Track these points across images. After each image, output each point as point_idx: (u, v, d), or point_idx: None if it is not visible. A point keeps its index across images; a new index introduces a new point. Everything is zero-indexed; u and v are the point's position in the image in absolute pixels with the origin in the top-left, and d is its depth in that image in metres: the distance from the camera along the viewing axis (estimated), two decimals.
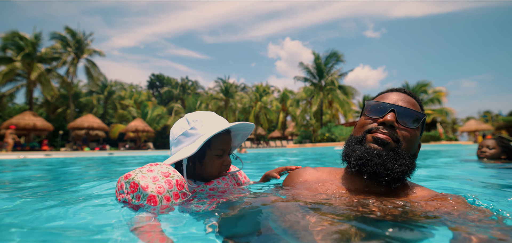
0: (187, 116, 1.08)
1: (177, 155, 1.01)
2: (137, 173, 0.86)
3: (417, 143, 0.93)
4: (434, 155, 6.23)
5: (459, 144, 17.14)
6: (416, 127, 0.90)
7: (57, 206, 1.14)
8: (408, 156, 0.87)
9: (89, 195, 1.40)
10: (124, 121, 29.24)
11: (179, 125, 1.08)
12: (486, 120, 34.84)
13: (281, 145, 28.56)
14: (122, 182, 0.87)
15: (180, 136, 1.04)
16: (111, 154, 12.83)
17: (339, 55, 27.13)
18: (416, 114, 0.90)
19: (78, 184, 2.09)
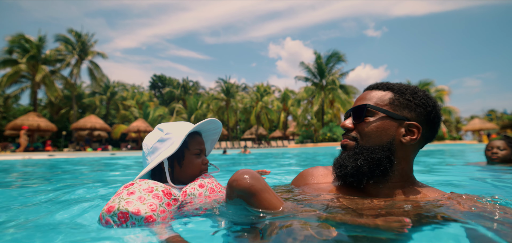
0: (159, 126, 1.09)
1: (157, 159, 1.00)
2: (119, 202, 0.78)
3: (386, 130, 0.88)
4: (438, 155, 6.12)
5: (464, 144, 16.92)
6: (364, 119, 0.91)
7: (61, 207, 1.16)
8: (368, 150, 0.87)
9: (93, 197, 1.42)
10: (126, 121, 29.45)
11: (151, 136, 1.07)
12: (491, 119, 34.40)
13: (282, 145, 28.57)
14: (107, 218, 0.77)
15: (156, 144, 1.04)
16: (114, 154, 12.93)
17: (340, 54, 26.96)
18: (359, 108, 0.92)
19: (84, 185, 2.13)
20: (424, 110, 0.89)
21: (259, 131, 32.65)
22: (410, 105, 0.89)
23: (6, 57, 20.60)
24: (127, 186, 0.87)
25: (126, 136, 27.87)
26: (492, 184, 1.70)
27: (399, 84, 0.94)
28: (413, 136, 0.88)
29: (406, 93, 0.91)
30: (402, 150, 0.89)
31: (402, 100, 0.90)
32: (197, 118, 29.94)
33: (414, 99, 0.90)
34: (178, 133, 1.05)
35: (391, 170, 0.88)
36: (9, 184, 2.57)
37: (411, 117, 0.89)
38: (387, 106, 0.90)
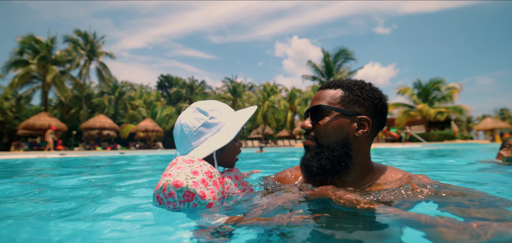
0: (198, 106, 1.04)
1: (210, 146, 0.96)
2: (186, 179, 0.80)
3: (340, 127, 0.94)
4: (449, 155, 5.96)
5: (475, 143, 16.49)
6: (320, 119, 0.96)
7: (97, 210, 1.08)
8: (328, 148, 0.94)
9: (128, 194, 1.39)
10: (134, 121, 29.74)
11: (193, 117, 1.01)
12: (504, 118, 33.84)
13: (289, 144, 28.39)
14: (172, 191, 0.79)
15: (201, 128, 1.00)
16: (123, 153, 13.02)
17: (348, 52, 26.76)
18: (314, 109, 0.97)
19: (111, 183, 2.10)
20: (372, 103, 0.96)
21: (265, 130, 32.52)
22: (359, 101, 0.95)
23: (17, 58, 21.04)
24: (187, 162, 0.87)
25: (135, 135, 28.17)
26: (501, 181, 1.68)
27: (348, 81, 0.99)
28: (364, 130, 0.95)
29: (355, 89, 0.96)
30: (357, 143, 0.95)
31: (352, 97, 0.95)
32: None
33: (362, 94, 0.95)
34: (223, 118, 1.03)
35: (351, 163, 0.95)
36: (44, 179, 2.52)
37: (361, 112, 0.95)
38: (339, 104, 0.95)
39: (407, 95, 25.53)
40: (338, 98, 0.96)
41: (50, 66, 21.43)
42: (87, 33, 25.29)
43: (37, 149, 17.85)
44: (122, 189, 1.61)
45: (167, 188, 0.79)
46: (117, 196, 1.28)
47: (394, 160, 4.78)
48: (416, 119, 25.36)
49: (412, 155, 6.07)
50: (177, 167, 0.84)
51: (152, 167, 4.32)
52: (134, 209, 0.98)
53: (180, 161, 0.87)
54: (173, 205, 0.80)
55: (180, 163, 0.86)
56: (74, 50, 24.31)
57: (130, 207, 1.01)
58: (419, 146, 13.92)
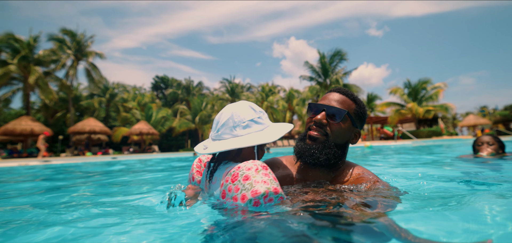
0: (250, 104, 1.13)
1: (256, 139, 1.05)
2: (278, 186, 0.91)
3: (348, 133, 1.13)
4: (437, 150, 6.39)
5: (460, 139, 17.87)
6: (340, 121, 1.09)
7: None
8: (335, 146, 1.10)
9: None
10: (128, 124, 28.19)
11: (245, 111, 1.09)
12: (484, 114, 36.07)
13: (288, 144, 27.82)
14: (272, 197, 0.88)
15: (249, 121, 1.08)
16: (115, 158, 11.99)
17: (342, 53, 27.83)
18: (340, 111, 1.08)
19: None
20: (364, 121, 1.17)
21: None
22: (361, 118, 1.16)
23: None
24: (265, 168, 0.93)
25: (128, 139, 26.72)
26: (476, 173, 2.01)
27: (357, 97, 1.16)
28: (356, 140, 1.17)
29: (361, 106, 1.15)
30: (347, 147, 1.17)
31: (359, 113, 1.15)
32: (201, 119, 28.92)
33: (363, 113, 1.16)
34: (267, 122, 1.13)
35: (340, 160, 1.15)
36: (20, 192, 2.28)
37: (359, 126, 1.16)
38: (353, 115, 1.13)
39: (398, 95, 26.64)
40: (353, 110, 1.13)
41: (32, 66, 19.70)
42: (75, 32, 23.65)
43: (17, 156, 16.04)
44: (117, 201, 1.52)
45: (269, 194, 0.87)
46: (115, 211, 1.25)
47: (390, 157, 5.08)
48: (407, 117, 26.49)
49: (408, 152, 6.26)
50: (264, 174, 0.90)
51: (149, 173, 4.04)
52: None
53: (261, 167, 0.92)
54: (269, 208, 0.88)
55: (262, 169, 0.91)
56: (59, 50, 22.53)
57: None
58: (410, 142, 14.81)
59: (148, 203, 1.30)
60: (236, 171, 0.92)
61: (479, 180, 1.59)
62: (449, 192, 1.26)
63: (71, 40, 23.56)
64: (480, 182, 1.51)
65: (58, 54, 22.25)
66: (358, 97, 1.15)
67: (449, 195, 1.18)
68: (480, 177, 1.79)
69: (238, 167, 0.93)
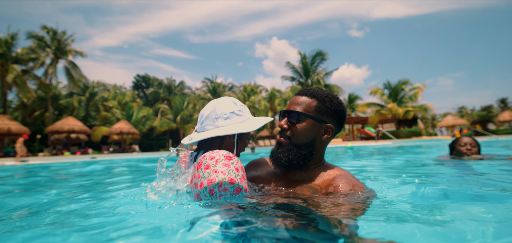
0: (232, 99, 1.22)
1: (236, 128, 1.16)
2: (236, 176, 0.96)
3: (311, 131, 1.13)
4: (416, 151, 6.46)
5: (439, 139, 17.99)
6: (298, 123, 1.12)
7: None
8: (297, 147, 1.12)
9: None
10: (108, 123, 28.20)
11: (226, 104, 1.20)
12: (462, 115, 36.63)
13: (270, 144, 28.66)
14: (227, 187, 0.93)
15: (230, 114, 1.18)
16: (94, 158, 12.28)
17: (324, 54, 27.66)
18: (293, 113, 1.12)
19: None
20: (337, 114, 1.15)
21: None
22: (328, 112, 1.14)
23: None
24: (228, 158, 0.99)
25: (108, 138, 26.72)
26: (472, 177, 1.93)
27: (322, 92, 1.16)
28: (328, 135, 1.15)
29: (326, 101, 1.14)
30: (320, 145, 1.16)
31: (323, 107, 1.13)
32: (183, 119, 29.31)
33: (331, 106, 1.14)
34: (248, 115, 1.24)
35: (311, 159, 1.15)
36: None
37: (328, 121, 1.14)
38: (313, 112, 1.12)
39: (378, 95, 27.10)
40: (313, 107, 1.12)
41: (10, 64, 19.59)
42: (55, 30, 23.45)
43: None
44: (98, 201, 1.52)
45: (223, 184, 0.92)
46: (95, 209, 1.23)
47: (372, 157, 5.13)
48: (387, 118, 26.81)
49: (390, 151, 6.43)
50: (223, 163, 0.96)
51: (129, 172, 4.16)
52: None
53: (222, 158, 0.98)
54: (224, 197, 0.94)
55: (222, 159, 0.97)
56: (39, 48, 22.39)
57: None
58: (390, 142, 14.94)
59: (124, 201, 1.26)
60: (201, 159, 0.99)
61: (469, 185, 1.53)
62: (424, 197, 1.20)
63: (51, 38, 23.37)
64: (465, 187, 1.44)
65: (37, 52, 22.12)
66: (324, 93, 1.15)
67: (424, 201, 1.15)
68: (471, 182, 1.68)
69: (204, 156, 1.00)
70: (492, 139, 14.92)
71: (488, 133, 23.92)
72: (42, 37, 22.90)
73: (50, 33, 23.24)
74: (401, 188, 1.38)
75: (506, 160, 2.70)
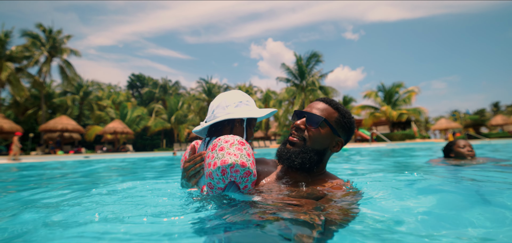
0: (239, 91, 1.32)
1: (248, 112, 1.24)
2: (247, 160, 1.01)
3: (327, 140, 1.15)
4: (412, 153, 6.50)
5: (432, 142, 18.13)
6: (318, 127, 1.14)
7: None
8: (312, 151, 1.13)
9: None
10: (102, 122, 28.11)
11: (236, 95, 1.28)
12: (455, 118, 36.83)
13: (264, 145, 28.83)
14: (238, 169, 0.99)
15: (240, 103, 1.25)
16: (88, 157, 12.29)
17: (319, 55, 27.61)
18: (317, 118, 1.13)
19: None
20: (349, 131, 1.20)
21: None
22: (344, 127, 1.18)
23: None
24: (242, 144, 1.05)
25: (102, 138, 26.64)
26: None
27: (342, 107, 1.20)
28: (338, 148, 1.19)
29: (345, 116, 1.18)
30: (327, 155, 1.20)
31: (342, 122, 1.17)
32: (177, 119, 29.29)
33: (347, 122, 1.18)
34: (255, 106, 1.32)
35: (317, 167, 1.18)
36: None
37: (342, 135, 1.18)
38: (333, 123, 1.16)
39: (372, 98, 27.37)
40: (334, 118, 1.16)
41: (4, 62, 19.51)
42: (50, 28, 23.34)
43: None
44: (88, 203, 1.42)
45: (235, 166, 0.98)
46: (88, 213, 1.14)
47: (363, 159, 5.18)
48: (381, 120, 27.31)
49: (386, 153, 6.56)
50: (237, 148, 1.02)
51: (122, 172, 4.21)
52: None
53: (236, 142, 1.04)
54: (234, 178, 1.01)
55: (236, 143, 1.03)
56: (33, 46, 22.29)
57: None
58: (384, 145, 14.96)
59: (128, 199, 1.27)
60: (216, 142, 1.05)
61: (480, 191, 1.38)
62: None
63: (46, 36, 23.22)
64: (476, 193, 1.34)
65: (31, 50, 22.04)
66: (344, 108, 1.19)
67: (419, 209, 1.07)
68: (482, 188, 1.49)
69: (219, 138, 1.06)
70: (484, 142, 15.05)
71: (481, 136, 23.89)
72: (37, 35, 22.77)
73: (46, 32, 23.13)
74: (402, 202, 1.21)
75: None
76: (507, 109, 41.42)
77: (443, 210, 1.10)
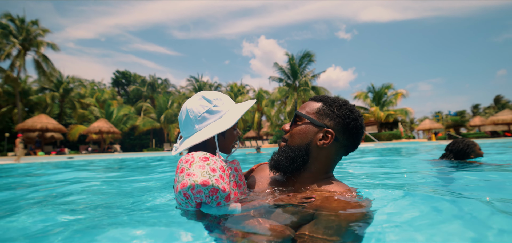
0: (204, 94, 1.12)
1: (213, 130, 1.06)
2: (210, 178, 0.90)
3: (307, 134, 1.03)
4: (397, 154, 6.54)
5: (417, 142, 18.84)
6: (295, 123, 1.08)
7: None
8: (292, 149, 1.04)
9: None
10: (86, 122, 26.49)
11: (198, 104, 1.09)
12: (438, 119, 38.61)
13: (256, 145, 28.60)
14: (200, 189, 0.88)
15: (205, 114, 1.08)
16: (71, 158, 11.55)
17: (311, 54, 28.07)
18: (295, 114, 1.08)
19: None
20: (343, 121, 1.02)
21: None
22: (331, 115, 1.03)
23: None
24: (204, 159, 0.94)
25: (86, 137, 25.17)
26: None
27: (332, 98, 1.08)
28: (326, 141, 1.01)
29: (333, 105, 1.05)
30: (317, 152, 1.03)
31: (327, 110, 1.04)
32: (167, 118, 28.33)
33: (337, 110, 1.03)
34: (225, 107, 1.12)
35: (304, 167, 1.04)
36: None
37: (330, 126, 1.02)
38: (313, 115, 1.05)
39: (362, 99, 28.02)
40: (315, 109, 1.05)
41: None
42: (21, 18, 21.50)
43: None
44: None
45: (196, 187, 0.88)
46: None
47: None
48: (369, 121, 27.98)
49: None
50: (198, 165, 0.92)
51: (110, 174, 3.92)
52: None
53: (197, 159, 0.94)
54: (200, 200, 0.91)
55: (197, 161, 0.93)
56: (3, 38, 20.38)
57: None
58: (373, 145, 15.18)
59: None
60: (178, 163, 0.97)
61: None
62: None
63: (17, 27, 21.37)
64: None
65: (2, 42, 20.17)
66: (334, 98, 1.07)
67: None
68: None
69: (180, 160, 0.97)
70: None
71: (460, 137, 25.36)
72: (7, 26, 20.86)
73: (15, 22, 21.24)
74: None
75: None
76: (484, 110, 44.06)
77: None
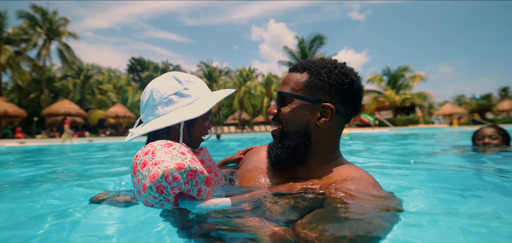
0: (174, 74, 0.96)
1: (179, 116, 0.89)
2: (183, 160, 0.75)
3: (301, 114, 0.88)
4: (415, 139, 6.34)
5: (436, 127, 17.96)
6: (284, 105, 0.90)
7: None
8: (289, 137, 0.89)
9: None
10: (104, 107, 28.31)
11: (167, 84, 0.93)
12: (460, 103, 36.44)
13: (265, 130, 28.98)
14: (176, 175, 0.73)
15: (173, 95, 0.92)
16: (91, 141, 12.59)
17: (322, 37, 27.21)
18: (278, 95, 0.91)
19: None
20: (339, 89, 0.87)
21: (242, 116, 32.80)
22: (324, 86, 0.86)
23: None
24: (169, 145, 0.81)
25: (104, 122, 26.92)
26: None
27: (317, 63, 0.90)
28: (327, 118, 0.87)
29: (322, 73, 0.87)
30: (319, 133, 0.89)
31: (317, 82, 0.87)
32: None
33: (329, 79, 0.86)
34: (198, 92, 0.97)
35: (307, 153, 0.90)
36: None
37: (326, 99, 0.87)
38: (301, 91, 0.88)
39: (376, 82, 27.13)
40: (301, 83, 0.88)
41: (2, 45, 19.36)
42: (44, 10, 22.90)
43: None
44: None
45: (170, 173, 0.72)
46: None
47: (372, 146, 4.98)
48: (384, 105, 27.15)
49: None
50: (165, 152, 0.77)
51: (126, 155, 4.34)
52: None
53: (159, 147, 0.79)
54: (178, 189, 0.75)
55: (160, 148, 0.79)
56: (30, 28, 22.01)
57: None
58: (388, 130, 14.93)
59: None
60: (134, 161, 0.80)
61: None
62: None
63: (42, 18, 22.89)
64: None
65: (28, 32, 21.81)
66: (319, 62, 0.89)
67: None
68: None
69: (136, 155, 0.81)
70: None
71: (486, 122, 23.39)
72: (33, 17, 22.37)
73: (40, 13, 22.70)
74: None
75: None
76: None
77: None
